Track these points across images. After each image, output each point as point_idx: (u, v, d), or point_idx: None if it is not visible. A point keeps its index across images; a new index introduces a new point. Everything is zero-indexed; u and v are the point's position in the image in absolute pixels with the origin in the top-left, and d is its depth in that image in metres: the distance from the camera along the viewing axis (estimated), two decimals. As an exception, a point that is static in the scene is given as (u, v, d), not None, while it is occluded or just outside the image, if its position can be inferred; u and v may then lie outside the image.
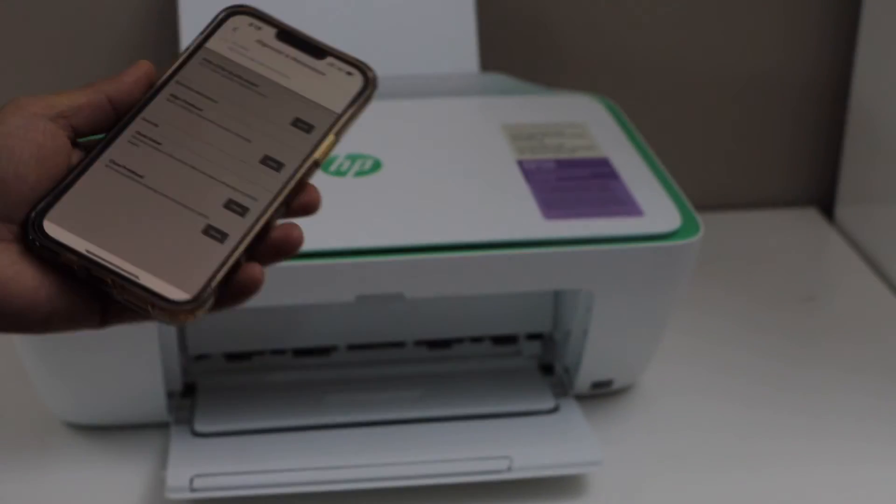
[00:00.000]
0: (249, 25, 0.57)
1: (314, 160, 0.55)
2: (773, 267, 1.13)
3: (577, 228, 0.82)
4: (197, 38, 0.57)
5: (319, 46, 0.57)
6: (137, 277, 0.50)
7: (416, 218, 0.82)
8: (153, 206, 0.52)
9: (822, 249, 1.19)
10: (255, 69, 0.56)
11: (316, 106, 0.55)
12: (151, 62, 0.56)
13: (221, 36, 0.57)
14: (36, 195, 0.51)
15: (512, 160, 0.89)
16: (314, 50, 0.57)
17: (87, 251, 0.50)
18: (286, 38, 0.57)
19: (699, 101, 1.20)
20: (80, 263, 0.50)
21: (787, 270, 1.13)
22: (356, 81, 0.56)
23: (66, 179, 0.52)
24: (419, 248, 0.80)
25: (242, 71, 0.56)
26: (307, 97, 0.56)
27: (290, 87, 0.56)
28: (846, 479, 0.86)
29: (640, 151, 0.92)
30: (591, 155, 0.90)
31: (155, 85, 0.55)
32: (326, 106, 0.55)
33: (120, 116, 0.54)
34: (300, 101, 0.55)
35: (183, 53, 0.56)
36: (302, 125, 0.55)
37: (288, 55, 0.56)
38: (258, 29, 0.57)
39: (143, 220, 0.51)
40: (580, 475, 0.85)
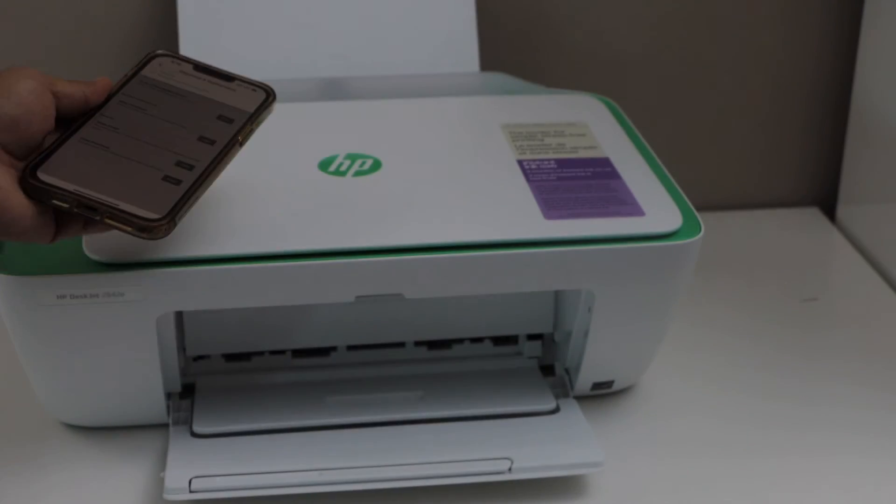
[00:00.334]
0: (171, 63, 0.79)
1: (238, 140, 0.75)
2: (774, 267, 1.13)
3: (577, 228, 0.82)
4: (129, 70, 0.77)
5: (228, 74, 0.79)
6: (118, 205, 0.70)
7: (416, 218, 0.82)
8: (121, 164, 0.72)
9: (823, 249, 1.19)
10: (183, 87, 0.77)
11: (233, 108, 0.77)
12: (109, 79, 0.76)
13: (151, 69, 0.78)
14: (34, 141, 0.72)
15: (512, 160, 0.89)
16: (224, 76, 0.78)
17: (75, 190, 0.70)
18: (201, 69, 0.78)
19: (700, 100, 1.20)
20: (73, 199, 0.69)
21: (788, 270, 1.13)
22: (261, 94, 0.78)
23: (48, 147, 0.71)
24: (419, 248, 0.80)
25: (173, 88, 0.77)
26: (225, 103, 0.77)
27: (211, 97, 0.77)
28: (848, 481, 0.86)
29: (640, 151, 0.92)
30: (591, 155, 0.90)
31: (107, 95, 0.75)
32: (241, 108, 0.77)
33: (85, 111, 0.74)
34: (220, 105, 0.77)
35: (121, 79, 0.76)
36: (224, 119, 0.76)
37: (205, 80, 0.78)
38: (178, 64, 0.79)
39: (114, 172, 0.71)
40: (581, 476, 0.84)
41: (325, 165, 0.87)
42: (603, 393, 0.93)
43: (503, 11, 1.13)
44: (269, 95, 0.78)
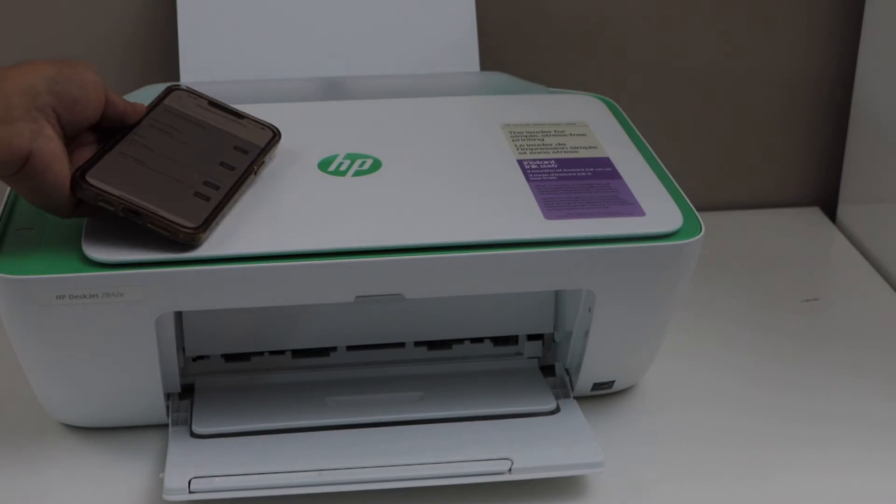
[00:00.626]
0: (189, 97, 0.88)
1: (253, 169, 0.84)
2: (775, 267, 1.13)
3: (578, 228, 0.82)
4: (153, 100, 0.86)
5: (239, 112, 0.88)
6: (160, 212, 0.78)
7: (415, 218, 0.82)
8: (158, 178, 0.80)
9: (824, 249, 1.19)
10: (202, 119, 0.87)
11: (246, 141, 0.86)
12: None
13: (171, 99, 0.87)
14: (81, 126, 0.80)
15: (512, 159, 0.89)
16: (235, 114, 0.88)
17: (121, 195, 0.78)
18: (215, 105, 0.88)
19: (701, 100, 1.20)
20: (119, 203, 0.78)
21: (789, 270, 1.13)
22: (268, 132, 0.87)
23: (93, 157, 0.80)
24: (419, 248, 0.80)
25: (194, 118, 0.86)
26: (239, 136, 0.86)
27: (227, 129, 0.86)
28: (849, 480, 0.86)
29: (641, 151, 0.92)
30: (592, 154, 0.90)
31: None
32: (253, 142, 0.86)
33: (120, 126, 0.83)
34: (235, 137, 0.86)
35: (148, 107, 0.85)
36: (240, 150, 0.85)
37: (219, 115, 0.87)
38: (195, 99, 0.88)
39: (152, 183, 0.80)
40: (581, 477, 0.84)
41: (324, 165, 0.87)
42: (603, 393, 0.92)
43: (503, 11, 1.13)
44: (275, 134, 0.87)
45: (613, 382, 0.92)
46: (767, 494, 0.85)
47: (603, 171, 0.88)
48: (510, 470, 0.82)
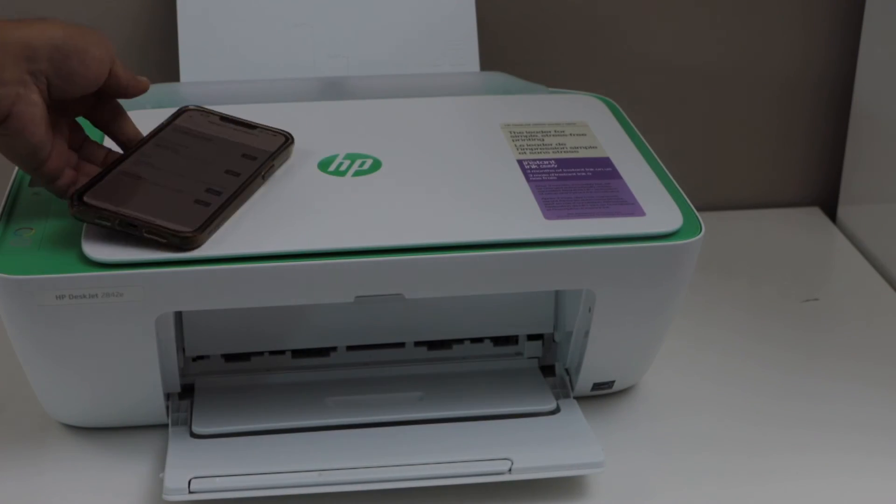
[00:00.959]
0: (201, 115, 0.88)
1: (261, 173, 0.84)
2: (775, 267, 1.13)
3: (578, 228, 0.82)
4: (163, 122, 0.87)
5: (251, 123, 0.88)
6: (155, 221, 0.77)
7: (415, 218, 0.82)
8: (158, 191, 0.81)
9: (825, 249, 1.19)
10: (211, 133, 0.87)
11: (256, 148, 0.86)
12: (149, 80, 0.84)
13: (182, 120, 0.87)
14: (72, 94, 0.80)
15: (512, 159, 0.89)
16: (248, 125, 0.88)
17: (116, 210, 0.78)
18: (227, 120, 0.88)
19: (701, 100, 1.20)
20: (115, 216, 0.77)
21: (789, 270, 1.13)
22: (280, 138, 0.87)
23: (93, 179, 0.80)
24: (419, 248, 0.80)
25: (203, 134, 0.87)
26: (249, 144, 0.86)
27: (236, 140, 0.86)
28: (849, 479, 0.86)
29: (641, 151, 0.92)
30: (592, 154, 0.90)
31: (142, 139, 0.85)
32: (263, 148, 0.86)
33: (118, 95, 0.83)
34: (244, 146, 0.86)
35: (156, 128, 0.86)
36: (248, 157, 0.85)
37: (231, 128, 0.88)
38: (206, 116, 0.88)
39: (151, 196, 0.80)
40: (581, 477, 0.84)
41: (324, 165, 0.87)
42: (603, 393, 0.92)
43: (503, 11, 1.13)
44: (287, 139, 0.87)
45: (613, 382, 0.92)
46: (768, 493, 0.85)
47: (603, 171, 0.88)
48: (510, 470, 0.82)
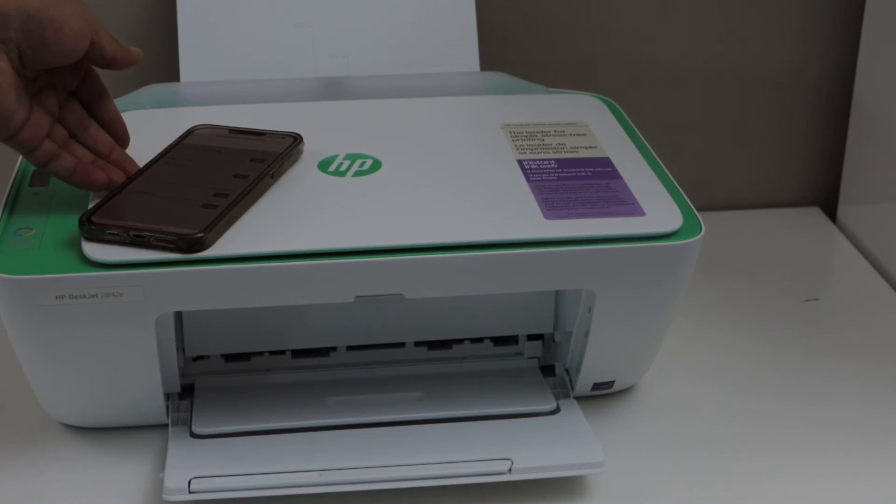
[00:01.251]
0: (209, 131, 0.90)
1: (270, 173, 0.84)
2: (775, 267, 1.13)
3: (578, 228, 0.82)
4: (172, 142, 0.88)
5: (260, 130, 0.89)
6: (163, 228, 0.78)
7: (415, 218, 0.82)
8: (165, 202, 0.81)
9: (825, 249, 1.19)
10: (220, 145, 0.88)
11: (264, 151, 0.87)
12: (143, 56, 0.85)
13: (190, 139, 0.89)
14: (45, 65, 0.79)
15: (512, 159, 0.89)
16: (257, 133, 0.89)
17: (125, 225, 0.78)
18: (236, 131, 0.90)
19: (700, 100, 1.20)
20: (124, 231, 0.78)
21: (789, 270, 1.13)
22: (287, 140, 0.88)
23: (102, 200, 0.81)
24: (419, 248, 0.80)
25: (212, 147, 0.87)
26: (257, 149, 0.87)
27: (245, 147, 0.87)
28: (849, 479, 0.86)
29: (641, 151, 0.92)
30: (592, 154, 0.90)
31: (151, 159, 0.85)
32: (272, 150, 0.87)
33: (106, 66, 0.83)
34: (253, 151, 0.87)
35: (165, 148, 0.87)
36: (257, 160, 0.86)
37: (240, 138, 0.89)
38: (215, 130, 0.90)
39: (158, 207, 0.81)
40: (581, 477, 0.84)
41: (324, 165, 0.87)
42: (603, 393, 0.92)
43: (503, 11, 1.13)
44: (296, 139, 0.88)
45: (613, 382, 0.91)
46: (768, 493, 0.84)
47: (603, 171, 0.88)
48: (510, 470, 0.82)
